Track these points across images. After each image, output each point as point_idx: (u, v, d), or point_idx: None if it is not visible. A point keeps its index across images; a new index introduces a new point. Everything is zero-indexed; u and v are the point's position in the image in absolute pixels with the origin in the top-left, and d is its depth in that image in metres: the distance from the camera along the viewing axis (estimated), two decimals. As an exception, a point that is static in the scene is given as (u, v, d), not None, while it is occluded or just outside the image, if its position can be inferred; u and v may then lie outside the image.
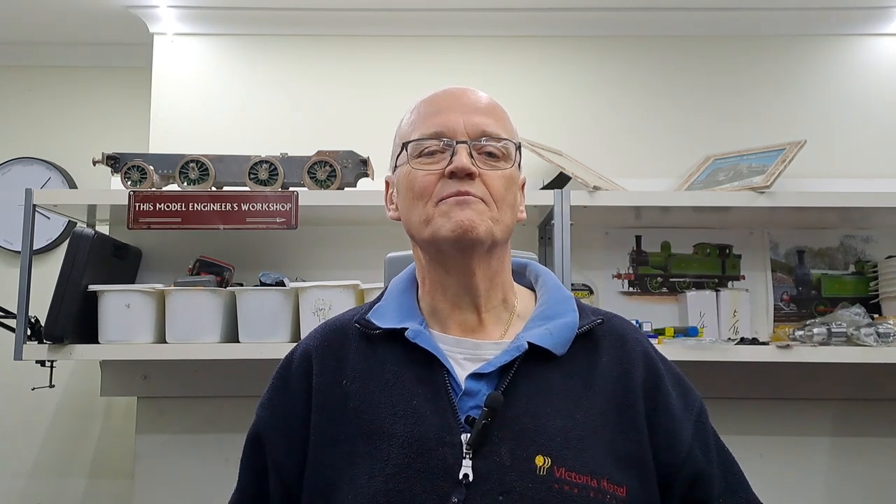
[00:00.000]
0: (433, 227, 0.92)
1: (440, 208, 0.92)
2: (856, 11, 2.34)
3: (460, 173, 0.91)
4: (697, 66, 2.39)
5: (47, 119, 2.65)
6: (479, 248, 0.93)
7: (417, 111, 0.99)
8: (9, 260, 2.54)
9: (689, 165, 2.32)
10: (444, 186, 0.92)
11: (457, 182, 0.91)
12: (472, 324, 0.97)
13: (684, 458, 0.93)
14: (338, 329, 1.01)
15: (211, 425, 2.20)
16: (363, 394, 0.93)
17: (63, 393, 2.50)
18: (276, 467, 0.96)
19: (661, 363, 1.00)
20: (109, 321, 1.95)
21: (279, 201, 1.95)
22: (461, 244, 0.92)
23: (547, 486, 0.85)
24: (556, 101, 2.37)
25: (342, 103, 2.36)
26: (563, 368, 0.93)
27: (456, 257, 0.94)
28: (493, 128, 0.95)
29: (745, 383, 2.15)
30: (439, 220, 0.91)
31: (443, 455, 0.86)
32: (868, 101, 2.36)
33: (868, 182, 2.25)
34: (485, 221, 0.92)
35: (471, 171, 0.91)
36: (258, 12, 2.35)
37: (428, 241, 0.94)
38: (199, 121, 2.34)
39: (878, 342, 1.92)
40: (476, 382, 0.91)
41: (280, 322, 1.96)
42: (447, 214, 0.91)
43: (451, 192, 0.91)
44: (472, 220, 0.90)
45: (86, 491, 2.49)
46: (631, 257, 2.27)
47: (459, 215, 0.90)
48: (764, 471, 2.17)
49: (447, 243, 0.92)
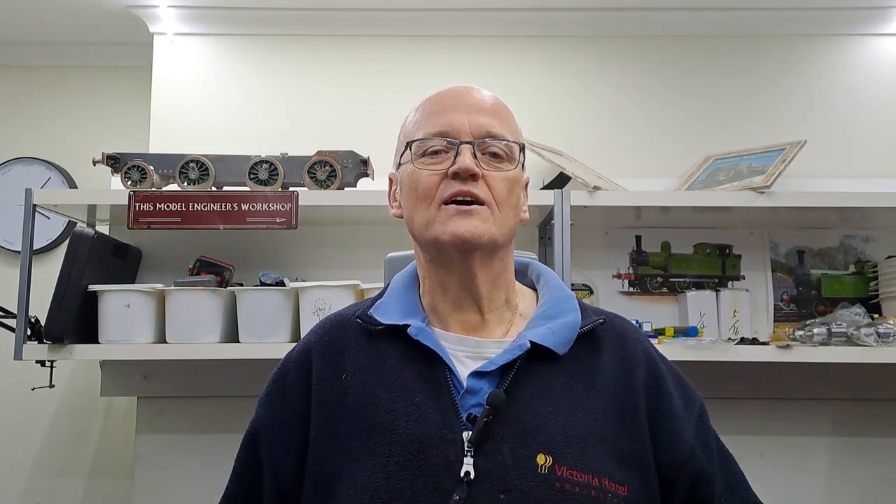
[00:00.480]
0: (435, 230, 0.92)
1: (442, 213, 0.92)
2: (856, 11, 2.34)
3: (463, 174, 0.91)
4: (697, 66, 2.39)
5: (47, 119, 2.65)
6: (481, 252, 0.93)
7: (422, 109, 0.98)
8: (9, 260, 2.54)
9: (689, 165, 2.32)
10: (448, 187, 0.92)
11: (460, 183, 0.91)
12: (473, 323, 0.97)
13: (686, 457, 0.94)
14: (338, 325, 1.01)
15: (211, 425, 2.20)
16: (363, 389, 0.93)
17: (63, 393, 2.50)
18: (273, 464, 0.96)
19: (663, 363, 1.00)
20: (109, 321, 1.95)
21: (279, 201, 1.95)
22: (463, 248, 0.92)
23: (548, 485, 0.85)
24: (556, 101, 2.37)
25: (342, 103, 2.36)
26: (564, 368, 0.93)
27: (457, 260, 0.94)
28: (497, 128, 0.95)
29: (745, 383, 2.15)
30: (438, 227, 0.92)
31: (444, 452, 0.86)
32: (868, 101, 2.36)
33: (868, 182, 2.25)
34: (488, 229, 0.92)
35: (474, 173, 0.91)
36: (258, 12, 2.35)
37: (430, 243, 0.94)
38: (199, 121, 2.34)
39: (878, 342, 1.92)
40: (478, 380, 0.91)
41: (280, 322, 1.96)
42: (446, 222, 0.91)
43: (454, 193, 0.91)
44: (473, 230, 0.91)
45: (86, 491, 2.49)
46: (631, 257, 2.27)
47: (460, 226, 0.90)
48: (764, 471, 2.17)
49: (447, 248, 0.92)
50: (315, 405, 0.94)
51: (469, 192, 0.91)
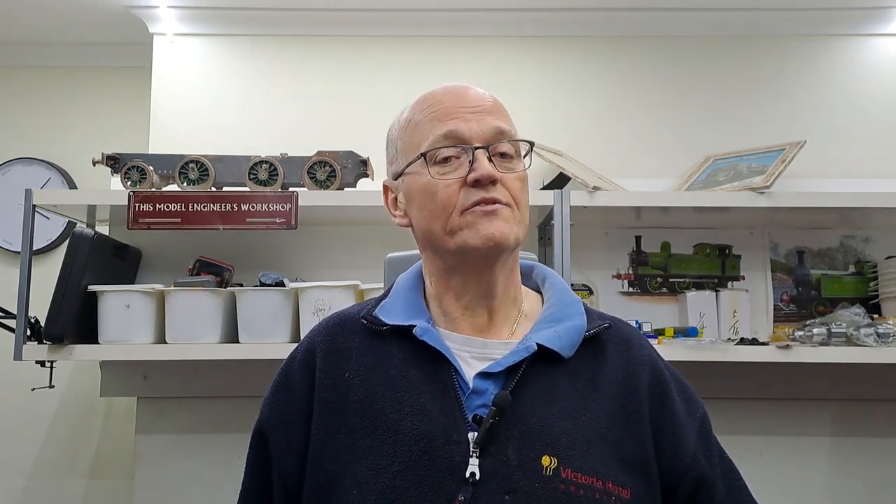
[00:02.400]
0: (461, 238, 0.91)
1: (466, 219, 0.91)
2: (856, 11, 2.34)
3: (485, 181, 0.90)
4: (697, 66, 2.39)
5: (47, 119, 2.65)
6: (506, 254, 0.93)
7: (422, 114, 0.96)
8: (9, 260, 2.54)
9: (689, 165, 2.32)
10: (469, 195, 0.91)
11: (482, 190, 0.90)
12: (481, 324, 0.97)
13: (688, 463, 0.94)
14: (342, 324, 1.01)
15: (211, 425, 2.20)
16: (367, 387, 0.93)
17: (63, 393, 2.50)
18: (278, 463, 0.96)
19: (666, 369, 1.00)
20: (109, 321, 1.95)
21: (279, 201, 1.95)
22: (492, 252, 0.91)
23: (553, 486, 0.85)
24: (556, 101, 2.37)
25: (342, 103, 2.36)
26: (569, 371, 0.93)
27: (481, 264, 0.94)
28: (504, 126, 0.94)
29: (745, 383, 2.15)
30: (467, 232, 0.90)
31: (450, 453, 0.86)
32: (868, 101, 2.36)
33: (868, 182, 2.25)
34: (512, 229, 0.91)
35: (495, 178, 0.91)
36: (258, 12, 2.35)
37: (454, 251, 0.93)
38: (199, 121, 2.34)
39: (877, 342, 1.92)
40: (484, 381, 0.91)
41: (280, 322, 1.96)
42: (475, 226, 0.90)
43: (477, 201, 0.90)
44: (503, 231, 0.90)
45: (86, 491, 2.49)
46: (631, 257, 2.27)
47: (490, 228, 0.90)
48: (764, 471, 2.17)
49: (476, 253, 0.91)
50: (318, 403, 0.94)
51: (492, 197, 0.90)
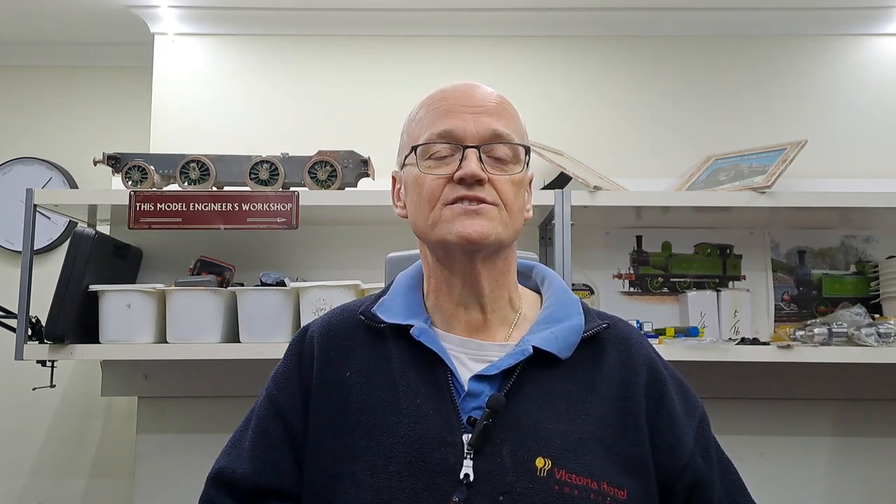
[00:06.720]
0: (441, 231, 0.92)
1: (446, 213, 0.91)
2: (856, 11, 2.34)
3: (469, 179, 0.91)
4: (698, 66, 2.39)
5: (48, 119, 2.65)
6: (486, 251, 0.93)
7: (427, 109, 0.98)
8: (9, 260, 2.54)
9: (689, 165, 2.32)
10: (452, 191, 0.92)
11: (465, 188, 0.91)
12: (476, 324, 0.97)
13: (686, 463, 0.94)
14: (345, 319, 1.02)
15: (211, 425, 2.20)
16: (366, 388, 0.93)
17: (64, 393, 2.50)
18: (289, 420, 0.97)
19: (665, 369, 1.00)
20: (110, 321, 1.95)
21: (280, 201, 1.95)
22: (469, 248, 0.92)
23: (547, 488, 0.85)
24: (557, 101, 2.37)
25: (342, 103, 2.36)
26: (566, 372, 0.94)
27: (462, 260, 0.94)
28: (502, 129, 0.94)
29: (745, 383, 2.15)
30: (445, 226, 0.91)
31: (444, 454, 0.87)
32: (868, 101, 2.36)
33: (868, 182, 2.25)
34: (494, 229, 0.91)
35: (480, 178, 0.91)
36: (258, 12, 2.35)
37: (435, 243, 0.94)
38: (200, 121, 2.34)
39: (878, 342, 1.92)
40: (479, 384, 0.91)
41: (281, 322, 1.96)
42: (452, 222, 0.91)
43: (458, 196, 0.91)
44: (480, 231, 0.90)
45: (86, 491, 2.50)
46: (632, 257, 2.27)
47: (468, 226, 0.90)
48: (764, 471, 2.17)
49: (456, 248, 0.92)
50: (315, 388, 0.96)
51: (475, 196, 0.91)
